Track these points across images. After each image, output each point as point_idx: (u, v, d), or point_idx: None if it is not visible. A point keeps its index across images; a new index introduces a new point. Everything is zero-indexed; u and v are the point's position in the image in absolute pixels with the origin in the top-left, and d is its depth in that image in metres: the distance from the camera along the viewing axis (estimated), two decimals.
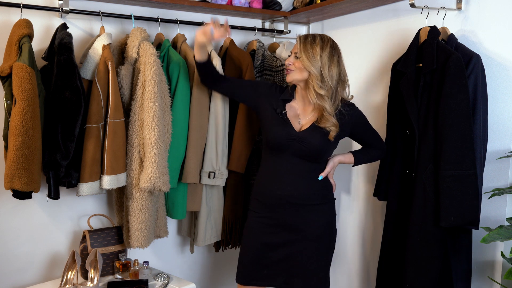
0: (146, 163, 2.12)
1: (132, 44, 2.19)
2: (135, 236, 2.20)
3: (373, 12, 2.56)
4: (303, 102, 2.11)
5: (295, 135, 2.04)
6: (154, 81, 2.13)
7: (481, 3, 2.05)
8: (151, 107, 2.11)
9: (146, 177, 2.10)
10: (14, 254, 2.26)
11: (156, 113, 2.12)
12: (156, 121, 2.11)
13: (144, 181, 2.10)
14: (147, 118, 2.12)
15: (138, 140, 2.18)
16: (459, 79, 1.85)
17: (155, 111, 2.11)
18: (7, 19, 2.13)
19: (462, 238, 1.96)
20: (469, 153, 1.84)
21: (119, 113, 2.13)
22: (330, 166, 2.13)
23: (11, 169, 1.85)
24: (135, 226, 2.20)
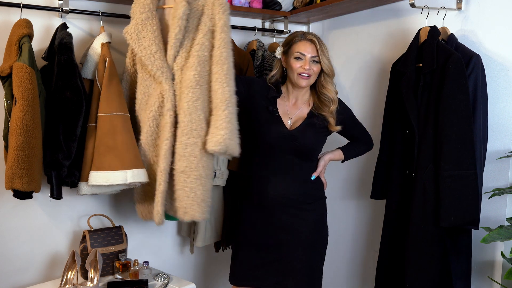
0: (218, 123, 1.85)
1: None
2: (201, 207, 1.94)
3: (373, 12, 2.56)
4: (295, 99, 2.13)
5: (287, 133, 2.05)
6: (228, 27, 1.91)
7: (481, 3, 2.05)
8: (225, 57, 1.86)
9: (219, 138, 1.84)
10: (14, 254, 2.25)
11: (230, 65, 1.87)
12: (230, 75, 1.87)
13: (215, 143, 1.84)
14: (219, 70, 1.86)
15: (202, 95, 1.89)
16: (459, 79, 1.85)
17: (229, 62, 1.87)
18: (7, 19, 2.13)
19: (462, 238, 1.96)
20: (469, 153, 1.84)
21: (105, 107, 2.04)
22: (322, 165, 2.14)
23: (12, 169, 1.85)
24: (201, 195, 1.93)
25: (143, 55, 1.90)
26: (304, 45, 2.04)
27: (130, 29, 1.92)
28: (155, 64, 1.89)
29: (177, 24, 1.85)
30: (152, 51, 1.89)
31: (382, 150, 2.27)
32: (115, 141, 2.03)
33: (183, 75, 1.91)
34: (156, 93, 1.94)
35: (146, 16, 1.89)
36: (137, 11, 1.91)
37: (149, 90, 1.98)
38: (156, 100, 1.94)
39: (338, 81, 2.77)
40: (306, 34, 2.08)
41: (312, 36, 2.06)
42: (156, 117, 1.97)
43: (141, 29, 1.89)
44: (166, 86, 1.91)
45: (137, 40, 1.90)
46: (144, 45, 1.90)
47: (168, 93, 1.90)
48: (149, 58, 1.89)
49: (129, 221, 2.56)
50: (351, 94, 2.70)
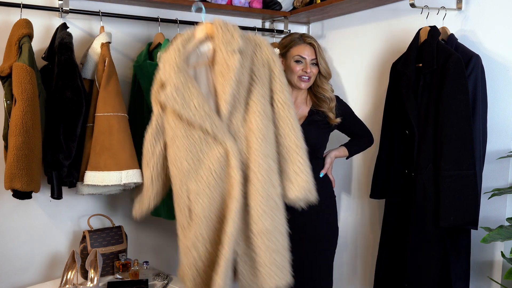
0: (297, 168, 1.73)
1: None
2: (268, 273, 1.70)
3: (373, 12, 2.56)
4: (293, 99, 2.17)
5: None
6: (283, 69, 1.83)
7: (481, 3, 2.05)
8: (289, 100, 1.77)
9: (303, 184, 1.72)
10: (14, 254, 2.25)
11: (294, 108, 1.80)
12: (296, 118, 1.79)
13: (300, 189, 1.72)
14: (287, 115, 1.75)
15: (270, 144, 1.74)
16: (459, 79, 1.85)
17: (293, 105, 1.79)
18: (7, 19, 2.13)
19: (461, 238, 1.96)
20: (468, 153, 1.84)
21: (102, 107, 2.05)
22: (328, 162, 2.16)
23: (11, 169, 1.85)
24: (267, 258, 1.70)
25: (196, 117, 1.67)
26: (303, 48, 2.09)
27: (171, 94, 1.67)
28: (213, 124, 1.67)
29: (233, 78, 1.66)
30: (206, 111, 1.67)
31: (382, 150, 2.27)
32: (111, 141, 2.03)
33: (245, 128, 1.74)
34: (215, 154, 1.70)
35: (184, 77, 1.68)
36: (172, 74, 1.68)
37: (201, 154, 1.73)
38: (215, 161, 1.70)
39: (338, 81, 2.78)
40: (304, 37, 2.12)
41: (311, 40, 2.11)
42: (216, 180, 1.72)
43: (184, 91, 1.67)
44: (230, 143, 1.69)
45: (184, 103, 1.67)
46: (194, 106, 1.67)
47: (232, 150, 1.69)
48: (204, 119, 1.67)
49: (129, 221, 2.56)
50: (351, 94, 2.70)
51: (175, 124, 1.72)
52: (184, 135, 1.72)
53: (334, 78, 2.77)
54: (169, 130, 1.75)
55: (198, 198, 1.71)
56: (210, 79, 1.75)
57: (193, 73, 1.75)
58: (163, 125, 1.79)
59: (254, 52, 1.73)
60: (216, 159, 1.70)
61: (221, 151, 1.69)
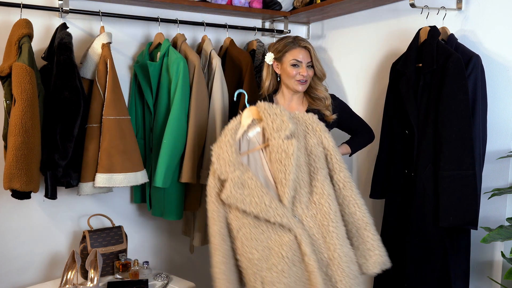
0: (369, 244, 1.77)
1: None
2: None
3: (373, 12, 2.56)
4: (289, 101, 2.17)
5: None
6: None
7: (481, 3, 2.05)
8: (349, 178, 1.80)
9: (378, 259, 1.76)
10: (14, 254, 2.25)
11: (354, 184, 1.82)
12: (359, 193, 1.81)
13: (376, 264, 1.76)
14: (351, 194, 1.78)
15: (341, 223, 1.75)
16: (459, 79, 1.85)
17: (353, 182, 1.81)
18: (7, 19, 2.13)
19: (461, 238, 1.96)
20: (468, 153, 1.84)
21: (114, 110, 2.09)
22: None
23: (10, 169, 1.85)
24: None
25: (258, 211, 1.68)
26: (299, 52, 2.10)
27: (230, 193, 1.69)
28: (277, 214, 1.68)
29: (293, 164, 1.68)
30: (267, 203, 1.68)
31: (382, 149, 2.27)
32: (125, 144, 2.11)
33: (313, 210, 1.74)
34: (284, 241, 1.70)
35: (240, 171, 1.70)
36: (229, 173, 1.70)
37: (270, 242, 1.73)
38: (286, 247, 1.70)
39: (338, 81, 2.78)
40: (298, 40, 2.12)
41: (305, 43, 2.13)
42: (289, 266, 1.70)
43: (242, 187, 1.70)
44: (299, 230, 1.69)
45: (245, 199, 1.69)
46: (255, 200, 1.68)
47: (302, 236, 1.69)
48: (267, 212, 1.68)
49: (129, 221, 2.57)
50: (351, 94, 2.70)
51: (239, 217, 1.75)
52: (252, 225, 1.74)
53: (334, 78, 2.77)
54: (234, 222, 1.77)
55: (275, 285, 1.70)
56: (265, 163, 1.78)
57: (246, 160, 1.78)
58: (226, 218, 1.79)
59: (305, 131, 1.77)
60: (287, 245, 1.70)
61: (290, 237, 1.70)
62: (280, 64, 2.14)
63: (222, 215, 1.78)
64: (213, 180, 1.77)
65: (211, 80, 2.40)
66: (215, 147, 1.77)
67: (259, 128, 1.80)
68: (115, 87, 2.12)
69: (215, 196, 1.77)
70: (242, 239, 1.75)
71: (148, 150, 2.43)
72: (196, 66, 2.32)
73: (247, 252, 1.75)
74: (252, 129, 1.80)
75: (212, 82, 2.39)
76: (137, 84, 2.41)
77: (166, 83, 2.31)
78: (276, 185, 1.74)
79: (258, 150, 1.79)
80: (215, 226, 1.77)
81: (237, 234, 1.77)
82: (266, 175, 1.77)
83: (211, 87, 2.40)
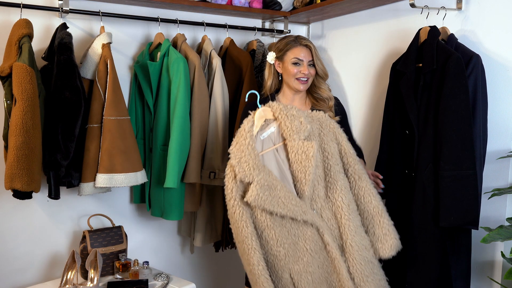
0: (384, 230, 1.87)
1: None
2: None
3: (373, 12, 2.56)
4: (291, 101, 2.18)
5: None
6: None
7: (481, 3, 2.05)
8: (363, 170, 1.90)
9: (394, 242, 1.87)
10: (14, 254, 2.25)
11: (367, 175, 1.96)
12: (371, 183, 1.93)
13: (392, 248, 1.87)
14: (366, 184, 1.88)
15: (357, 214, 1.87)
16: (460, 79, 1.85)
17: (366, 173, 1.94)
18: (7, 19, 2.13)
19: (461, 238, 1.96)
20: (469, 153, 1.84)
21: (114, 110, 2.10)
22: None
23: (12, 169, 1.85)
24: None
25: (286, 211, 1.75)
26: (300, 51, 2.10)
27: (258, 195, 1.73)
28: (302, 211, 1.77)
29: (313, 164, 1.76)
30: (293, 203, 1.76)
31: (382, 150, 2.27)
32: (126, 144, 2.12)
33: (329, 203, 1.85)
34: (307, 235, 1.82)
35: (265, 173, 1.75)
36: (253, 173, 1.74)
37: (294, 238, 1.83)
38: (310, 241, 1.82)
39: (338, 81, 2.78)
40: (299, 39, 2.13)
41: (306, 41, 2.13)
42: (313, 257, 1.83)
43: (269, 189, 1.74)
44: (320, 223, 1.81)
45: (272, 200, 1.74)
46: (282, 201, 1.75)
47: (323, 229, 1.80)
48: (294, 211, 1.76)
49: (129, 221, 2.56)
50: (351, 94, 2.70)
51: (262, 217, 1.80)
52: (277, 224, 1.81)
53: (334, 78, 2.77)
54: (256, 222, 1.82)
55: (302, 277, 1.83)
56: (280, 162, 1.83)
57: (262, 159, 1.82)
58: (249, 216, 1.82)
59: (319, 129, 1.84)
60: (310, 238, 1.82)
61: (312, 231, 1.81)
62: (282, 63, 2.14)
63: (249, 217, 1.81)
64: (234, 184, 1.78)
65: (211, 80, 2.41)
66: (234, 150, 1.78)
67: (273, 127, 1.84)
68: (116, 87, 2.12)
69: (240, 198, 1.79)
70: (267, 239, 1.82)
71: (148, 150, 2.43)
72: (196, 66, 2.32)
73: (274, 250, 1.83)
74: (266, 129, 1.84)
75: (213, 82, 2.39)
76: (137, 84, 2.41)
77: (166, 83, 2.31)
78: (295, 183, 1.81)
79: (273, 151, 1.84)
80: (247, 228, 1.80)
81: (261, 234, 1.82)
82: (284, 173, 1.82)
83: (212, 87, 2.40)
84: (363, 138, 2.62)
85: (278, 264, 1.84)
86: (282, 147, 1.83)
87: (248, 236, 1.79)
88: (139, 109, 2.44)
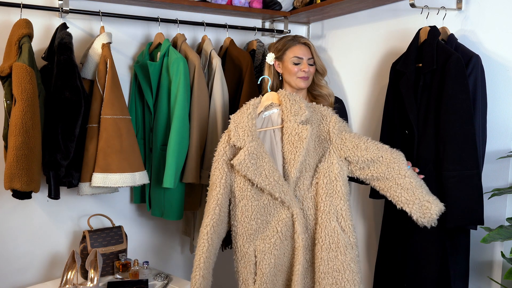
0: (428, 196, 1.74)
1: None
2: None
3: (373, 12, 2.56)
4: None
5: None
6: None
7: (481, 3, 2.05)
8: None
9: (439, 206, 1.71)
10: (14, 254, 2.26)
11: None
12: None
13: (439, 211, 1.72)
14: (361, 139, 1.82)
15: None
16: (460, 79, 1.85)
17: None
18: (7, 19, 2.13)
19: (460, 238, 1.96)
20: (472, 153, 1.84)
21: (111, 109, 2.09)
22: None
23: (11, 169, 1.85)
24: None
25: (266, 184, 1.76)
26: (299, 49, 2.12)
27: (244, 160, 1.74)
28: (282, 190, 1.77)
29: (304, 147, 1.76)
30: (276, 178, 1.76)
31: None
32: (122, 144, 2.09)
33: (312, 191, 1.83)
34: (282, 217, 1.81)
35: (257, 143, 1.76)
36: (246, 139, 1.76)
37: (268, 216, 1.83)
38: (282, 223, 1.81)
39: (338, 80, 2.78)
40: (298, 38, 2.15)
41: (305, 39, 2.15)
42: (282, 240, 1.82)
43: (257, 159, 1.75)
44: (297, 209, 1.79)
45: (256, 169, 1.75)
46: (265, 173, 1.75)
47: (298, 215, 1.79)
48: (274, 186, 1.76)
49: (129, 221, 2.57)
50: (351, 94, 2.70)
51: (244, 186, 1.82)
52: (254, 198, 1.83)
53: (334, 78, 2.77)
54: (237, 190, 1.84)
55: (265, 257, 1.83)
56: (274, 143, 1.86)
57: (261, 136, 1.85)
58: (230, 185, 1.85)
59: (320, 120, 1.84)
60: (283, 221, 1.81)
61: (288, 214, 1.81)
62: (282, 63, 2.15)
63: (224, 182, 1.83)
64: (224, 147, 1.83)
65: (211, 80, 2.41)
66: (235, 116, 1.83)
67: (276, 109, 1.87)
68: (114, 86, 2.11)
69: (222, 162, 1.82)
70: (242, 209, 1.84)
71: (148, 150, 2.43)
72: (196, 66, 2.32)
73: (246, 222, 1.84)
74: (269, 109, 1.88)
75: (212, 82, 2.39)
76: (137, 84, 2.41)
77: (166, 83, 2.31)
78: (284, 165, 1.82)
79: (270, 131, 1.87)
80: (214, 191, 1.83)
81: (238, 203, 1.84)
82: (275, 154, 1.84)
83: (211, 87, 2.40)
84: None
85: (247, 237, 1.85)
86: (280, 130, 1.86)
87: (212, 198, 1.83)
88: (139, 109, 2.44)
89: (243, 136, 1.78)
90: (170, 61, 2.28)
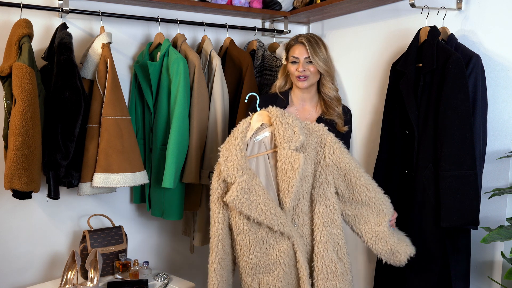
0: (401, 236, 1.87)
1: None
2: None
3: (373, 12, 2.56)
4: (302, 103, 2.16)
5: None
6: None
7: (481, 3, 2.05)
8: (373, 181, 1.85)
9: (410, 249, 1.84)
10: (14, 254, 2.26)
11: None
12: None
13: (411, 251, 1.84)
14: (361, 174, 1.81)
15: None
16: (460, 79, 1.85)
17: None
18: (7, 19, 2.13)
19: (461, 238, 1.96)
20: (469, 153, 1.84)
21: (112, 109, 2.09)
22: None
23: (11, 169, 1.85)
24: None
25: (263, 218, 1.70)
26: (297, 48, 2.10)
27: (237, 197, 1.68)
28: (280, 223, 1.71)
29: (297, 177, 1.69)
30: (272, 211, 1.70)
31: (382, 150, 2.27)
32: (123, 144, 2.10)
33: (309, 218, 1.80)
34: (282, 248, 1.77)
35: (248, 176, 1.69)
36: (236, 176, 1.69)
37: (269, 248, 1.78)
38: (284, 254, 1.77)
39: (338, 80, 2.77)
40: (299, 37, 2.13)
41: (303, 38, 2.10)
42: (285, 271, 1.78)
43: (250, 193, 1.69)
44: (297, 239, 1.76)
45: (250, 204, 1.69)
46: (261, 208, 1.69)
47: (299, 245, 1.76)
48: (271, 220, 1.70)
49: (129, 221, 2.57)
50: (351, 94, 2.70)
51: (240, 220, 1.76)
52: (252, 231, 1.77)
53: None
54: (233, 225, 1.79)
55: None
56: (268, 168, 1.79)
57: (252, 163, 1.78)
58: (227, 219, 1.82)
59: (316, 142, 1.77)
60: (284, 252, 1.77)
61: (288, 244, 1.76)
62: (288, 63, 2.15)
63: (222, 217, 1.80)
64: (217, 182, 1.78)
65: (211, 80, 2.41)
66: (224, 149, 1.75)
67: (268, 132, 1.79)
68: (115, 87, 2.12)
69: (217, 197, 1.78)
70: (240, 243, 1.79)
71: (148, 150, 2.43)
72: (196, 66, 2.32)
73: (245, 257, 1.79)
74: (261, 132, 1.79)
75: (212, 82, 2.39)
76: (137, 84, 2.41)
77: (166, 83, 2.31)
78: (278, 193, 1.76)
79: (264, 156, 1.80)
80: (214, 227, 1.81)
81: (236, 237, 1.80)
82: (270, 180, 1.78)
83: (211, 87, 2.40)
84: (363, 138, 2.62)
85: (249, 271, 1.80)
86: (274, 154, 1.77)
87: (212, 235, 1.81)
88: (139, 109, 2.44)
89: (233, 171, 1.69)
90: (170, 61, 2.28)
